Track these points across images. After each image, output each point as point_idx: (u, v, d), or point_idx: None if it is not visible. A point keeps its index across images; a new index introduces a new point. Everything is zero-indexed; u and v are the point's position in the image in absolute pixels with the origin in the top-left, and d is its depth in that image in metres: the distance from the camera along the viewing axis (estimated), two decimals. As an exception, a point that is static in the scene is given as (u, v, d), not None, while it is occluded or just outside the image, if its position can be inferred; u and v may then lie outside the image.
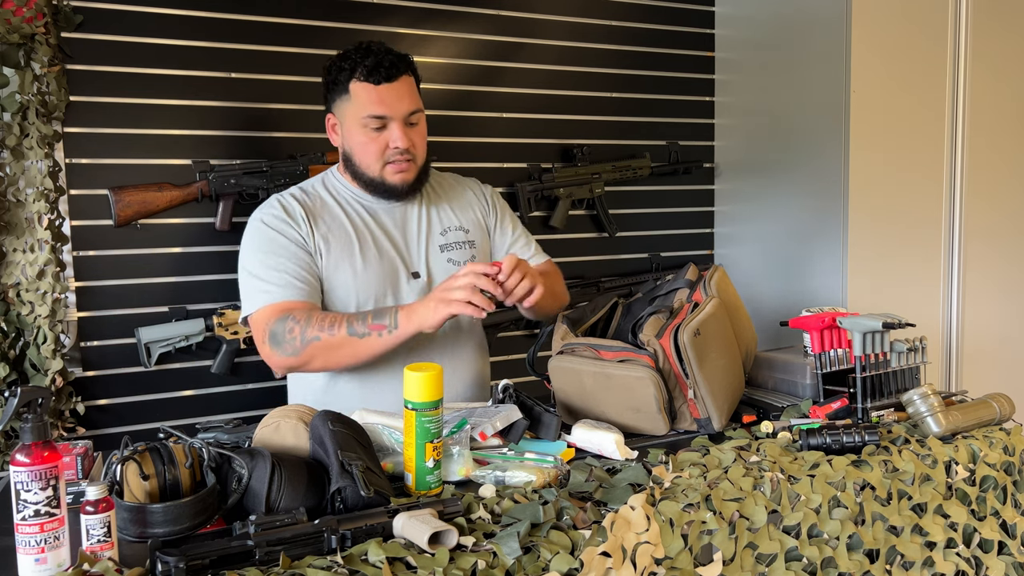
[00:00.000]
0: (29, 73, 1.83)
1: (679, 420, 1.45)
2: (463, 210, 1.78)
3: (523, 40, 2.45)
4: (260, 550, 0.92)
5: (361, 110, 1.58)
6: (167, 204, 2.01)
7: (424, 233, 1.71)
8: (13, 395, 0.95)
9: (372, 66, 1.56)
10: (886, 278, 2.37)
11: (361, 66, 1.57)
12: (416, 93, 1.64)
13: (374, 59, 1.57)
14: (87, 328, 2.00)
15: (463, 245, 1.74)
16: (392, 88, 1.58)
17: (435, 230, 1.73)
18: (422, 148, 1.65)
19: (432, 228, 1.73)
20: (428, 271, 1.69)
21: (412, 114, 1.61)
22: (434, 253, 1.71)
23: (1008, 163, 2.55)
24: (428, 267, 1.69)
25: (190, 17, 2.05)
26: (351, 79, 1.58)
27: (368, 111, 1.57)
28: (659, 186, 2.70)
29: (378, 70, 1.56)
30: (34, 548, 0.93)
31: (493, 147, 2.43)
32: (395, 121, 1.59)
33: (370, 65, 1.56)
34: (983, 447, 1.38)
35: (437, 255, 1.71)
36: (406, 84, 1.60)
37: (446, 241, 1.72)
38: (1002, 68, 2.50)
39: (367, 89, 1.57)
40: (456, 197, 1.79)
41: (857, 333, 1.47)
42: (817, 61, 2.36)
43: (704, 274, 1.56)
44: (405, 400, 1.16)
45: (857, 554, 1.22)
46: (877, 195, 2.33)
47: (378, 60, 1.57)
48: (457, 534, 0.98)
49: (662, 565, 1.07)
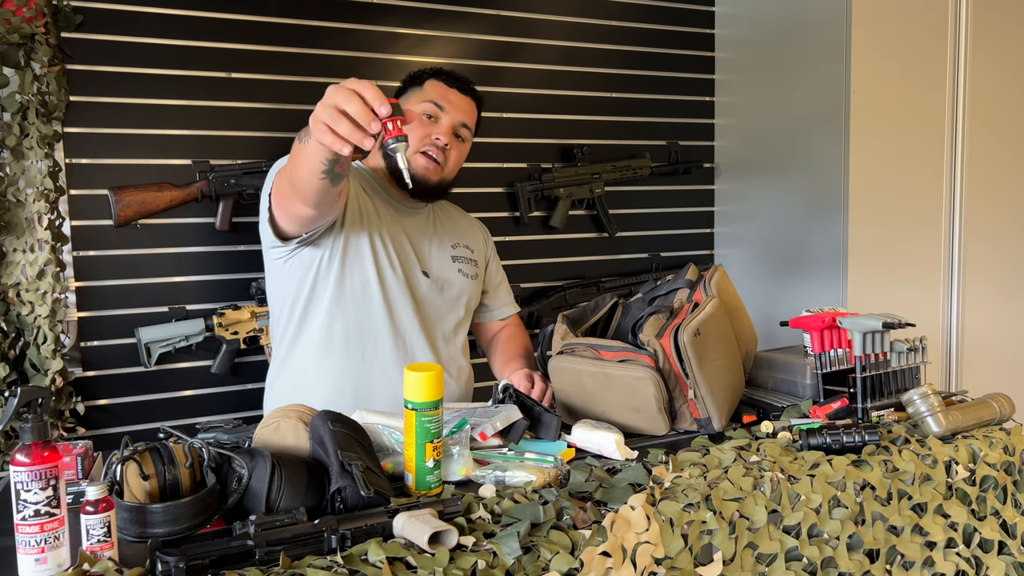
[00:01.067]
0: (29, 73, 1.83)
1: (679, 420, 1.45)
2: (469, 237, 1.87)
3: (523, 40, 2.45)
4: (260, 550, 0.92)
5: (427, 96, 1.71)
6: (167, 204, 2.01)
7: (436, 238, 1.78)
8: (13, 395, 0.95)
9: (453, 76, 1.76)
10: (886, 278, 2.37)
11: (445, 74, 1.76)
12: (475, 119, 1.78)
13: (456, 76, 1.76)
14: (87, 328, 2.00)
15: (471, 262, 1.83)
16: (460, 96, 1.73)
17: (447, 239, 1.80)
18: (455, 163, 1.74)
19: (445, 237, 1.80)
20: (438, 273, 1.75)
21: (464, 126, 1.73)
22: (446, 258, 1.78)
23: (1009, 163, 2.55)
24: (439, 269, 1.75)
25: (190, 17, 2.05)
26: (431, 78, 1.74)
27: (433, 98, 1.70)
28: (659, 186, 2.70)
29: (457, 80, 1.75)
30: (34, 548, 0.93)
31: (493, 147, 2.43)
32: (448, 118, 1.69)
33: (451, 75, 1.76)
34: (983, 447, 1.38)
35: (448, 262, 1.78)
36: (471, 103, 1.76)
37: (456, 253, 1.80)
38: (1002, 69, 2.49)
39: (440, 86, 1.73)
40: (463, 226, 1.89)
41: (857, 333, 1.47)
42: (817, 61, 2.36)
43: (704, 274, 1.56)
44: (405, 400, 1.16)
45: (857, 554, 1.22)
46: (877, 195, 2.33)
47: (458, 76, 1.76)
48: (457, 534, 0.98)
49: (662, 565, 1.07)
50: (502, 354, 1.84)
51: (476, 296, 1.85)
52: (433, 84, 1.73)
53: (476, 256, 1.85)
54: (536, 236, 2.51)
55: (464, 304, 1.80)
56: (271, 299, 1.73)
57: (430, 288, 1.72)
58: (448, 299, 1.76)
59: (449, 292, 1.76)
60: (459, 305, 1.79)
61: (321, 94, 1.68)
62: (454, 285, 1.77)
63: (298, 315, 1.66)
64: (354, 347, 1.65)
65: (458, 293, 1.78)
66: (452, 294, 1.77)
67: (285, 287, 1.66)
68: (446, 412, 1.33)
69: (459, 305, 1.79)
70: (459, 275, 1.78)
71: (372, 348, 1.65)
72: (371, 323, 1.65)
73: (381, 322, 1.65)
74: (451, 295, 1.77)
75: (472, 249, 1.85)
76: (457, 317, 1.78)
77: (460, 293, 1.78)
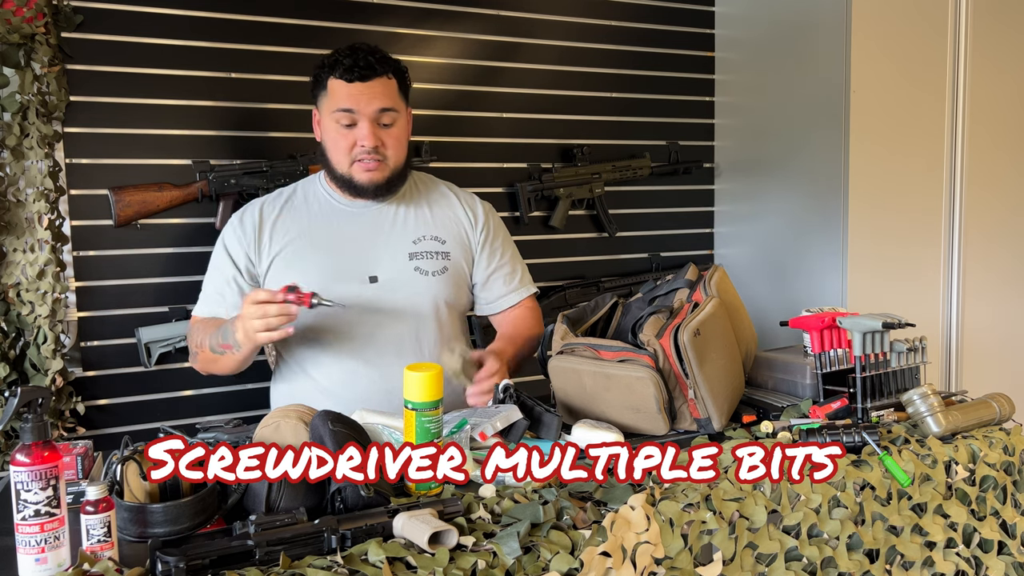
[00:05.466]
0: (29, 73, 1.83)
1: (679, 420, 1.45)
2: (444, 222, 1.75)
3: (523, 40, 2.45)
4: (260, 550, 0.93)
5: (332, 104, 1.61)
6: (167, 204, 2.01)
7: (392, 237, 1.70)
8: (13, 395, 0.95)
9: (349, 65, 1.60)
10: (886, 278, 2.36)
11: (340, 64, 1.60)
12: (395, 95, 1.65)
13: (352, 59, 1.60)
14: (87, 328, 2.00)
15: (435, 256, 1.71)
16: (365, 87, 1.60)
17: (407, 236, 1.71)
18: (396, 150, 1.65)
19: (404, 234, 1.71)
20: (389, 275, 1.67)
21: (383, 112, 1.61)
22: (400, 258, 1.68)
23: (1008, 164, 2.55)
24: (390, 271, 1.67)
25: (190, 17, 2.05)
26: (330, 76, 1.62)
27: (338, 105, 1.61)
28: (659, 186, 2.70)
29: (353, 69, 1.60)
30: (34, 548, 0.93)
31: (493, 147, 2.43)
32: (364, 119, 1.60)
33: (347, 64, 1.60)
34: (983, 447, 1.38)
35: (404, 261, 1.68)
36: (381, 84, 1.62)
37: (417, 249, 1.70)
38: (1002, 70, 2.49)
39: (341, 85, 1.60)
40: (441, 207, 1.77)
41: (857, 333, 1.47)
42: (817, 61, 2.36)
43: (704, 274, 1.56)
44: (405, 400, 1.16)
45: (857, 554, 1.22)
46: (877, 195, 2.33)
47: (356, 60, 1.60)
48: (457, 534, 0.98)
49: (662, 565, 1.07)
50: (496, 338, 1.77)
51: (451, 290, 1.73)
52: (335, 84, 1.61)
53: (449, 244, 1.73)
54: (536, 236, 2.51)
55: (429, 301, 1.69)
56: None
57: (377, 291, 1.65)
58: (399, 299, 1.67)
59: (401, 292, 1.67)
60: (422, 304, 1.68)
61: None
62: (405, 285, 1.67)
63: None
64: (344, 349, 1.65)
65: (412, 293, 1.68)
66: (403, 294, 1.67)
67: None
68: (446, 412, 1.33)
69: (422, 304, 1.68)
70: (414, 274, 1.68)
71: (354, 352, 1.65)
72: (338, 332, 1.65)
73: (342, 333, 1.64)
74: (403, 295, 1.67)
75: (442, 239, 1.73)
76: (419, 316, 1.68)
77: (416, 292, 1.68)
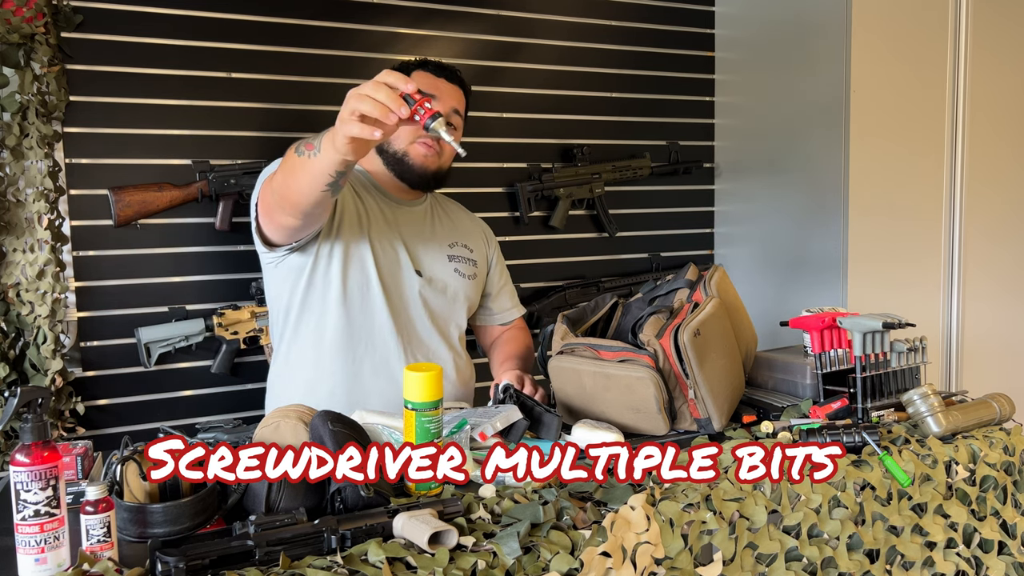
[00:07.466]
0: (29, 73, 1.83)
1: (679, 420, 1.45)
2: (469, 236, 1.86)
3: (523, 40, 2.45)
4: (260, 550, 0.92)
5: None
6: (167, 204, 2.01)
7: (432, 237, 1.77)
8: (13, 395, 0.95)
9: (440, 65, 1.76)
10: (886, 278, 2.36)
11: (429, 64, 1.75)
12: (464, 106, 1.78)
13: (443, 66, 1.77)
14: (87, 328, 2.00)
15: (467, 261, 1.81)
16: (448, 85, 1.74)
17: (444, 239, 1.79)
18: (449, 151, 1.71)
19: (441, 236, 1.79)
20: (432, 273, 1.73)
21: (454, 114, 1.73)
22: (441, 258, 1.76)
23: (1009, 163, 2.55)
24: (433, 269, 1.74)
25: (190, 17, 2.05)
26: (416, 69, 1.74)
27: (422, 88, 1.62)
28: (659, 186, 2.70)
29: (444, 69, 1.75)
30: (34, 548, 0.93)
31: (493, 147, 2.43)
32: (440, 107, 1.68)
33: (439, 65, 1.76)
34: (983, 447, 1.38)
35: (444, 261, 1.76)
36: (459, 92, 1.77)
37: (453, 252, 1.79)
38: (1003, 69, 2.49)
39: (427, 76, 1.73)
40: (462, 220, 1.88)
41: (857, 333, 1.47)
42: (817, 61, 2.36)
43: (704, 274, 1.56)
44: (405, 400, 1.16)
45: (857, 554, 1.22)
46: (877, 195, 2.33)
47: (443, 65, 1.77)
48: (457, 534, 0.98)
49: (662, 565, 1.07)
50: (499, 355, 1.84)
51: (475, 296, 1.84)
52: (421, 75, 1.72)
53: (476, 256, 1.84)
54: (536, 236, 2.51)
55: (462, 304, 1.79)
56: (269, 300, 1.74)
57: (423, 287, 1.71)
58: (442, 298, 1.75)
59: (443, 291, 1.75)
60: (456, 305, 1.78)
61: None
62: (448, 285, 1.76)
63: (294, 316, 1.66)
64: (350, 347, 1.65)
65: (453, 293, 1.77)
66: (447, 294, 1.76)
67: (279, 290, 1.67)
68: (446, 412, 1.33)
69: (456, 305, 1.78)
70: (455, 275, 1.77)
71: (368, 348, 1.65)
72: (365, 324, 1.65)
73: (375, 323, 1.65)
74: (446, 294, 1.76)
75: (471, 249, 1.84)
76: (453, 316, 1.77)
77: (456, 293, 1.77)
